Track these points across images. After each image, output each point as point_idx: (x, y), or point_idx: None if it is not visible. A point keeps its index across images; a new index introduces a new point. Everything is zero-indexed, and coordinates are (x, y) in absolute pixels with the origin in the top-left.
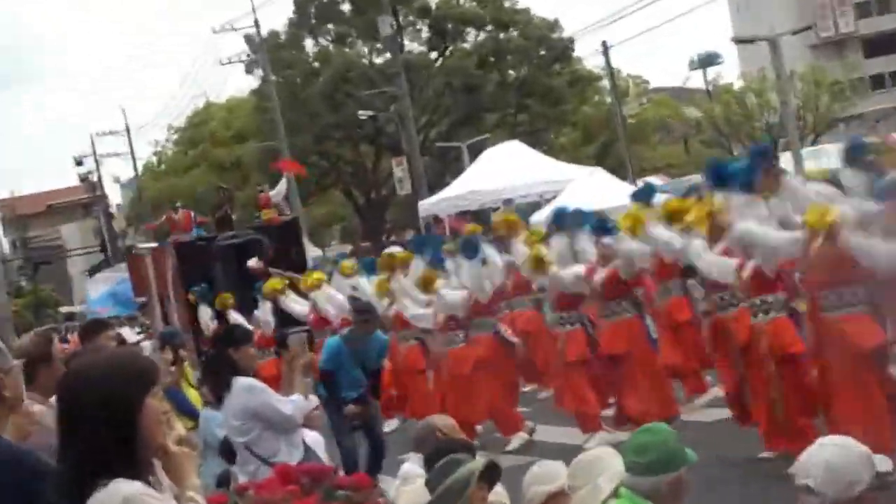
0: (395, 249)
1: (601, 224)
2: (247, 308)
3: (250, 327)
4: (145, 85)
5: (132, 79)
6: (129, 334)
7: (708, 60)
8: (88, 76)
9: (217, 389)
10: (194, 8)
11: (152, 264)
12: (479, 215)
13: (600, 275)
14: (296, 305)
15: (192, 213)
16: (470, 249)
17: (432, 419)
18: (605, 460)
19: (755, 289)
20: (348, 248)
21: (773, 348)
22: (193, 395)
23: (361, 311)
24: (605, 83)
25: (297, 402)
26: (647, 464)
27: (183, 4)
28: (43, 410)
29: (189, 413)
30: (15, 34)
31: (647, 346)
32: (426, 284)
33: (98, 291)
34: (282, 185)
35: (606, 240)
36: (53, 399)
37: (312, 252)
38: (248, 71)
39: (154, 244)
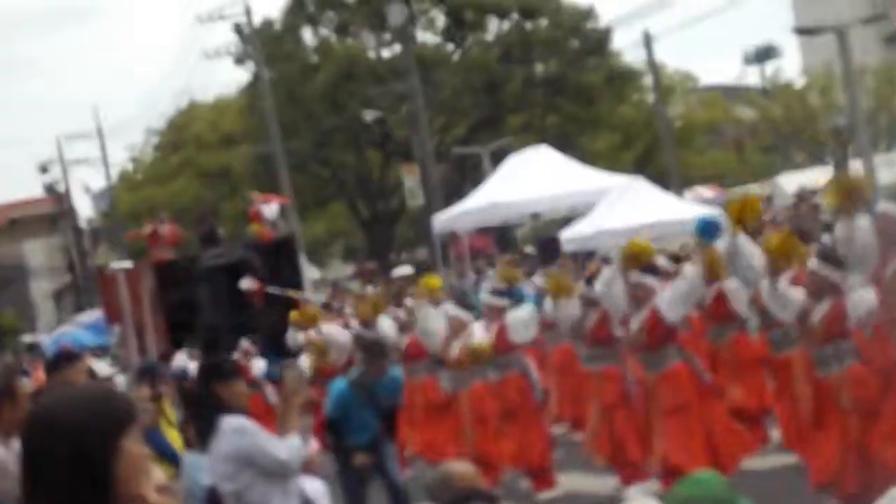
0: (405, 271)
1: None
2: (236, 336)
3: None
4: (120, 81)
5: (105, 73)
6: (101, 367)
7: (765, 54)
8: (55, 70)
9: (202, 430)
10: None
11: (127, 286)
12: (502, 231)
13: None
14: (385, 327)
15: (177, 228)
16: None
17: (449, 466)
18: None
19: (826, 334)
20: (351, 267)
21: (858, 400)
22: (174, 437)
23: (371, 347)
24: (648, 80)
25: (294, 446)
26: None
27: None
28: (2, 455)
29: (170, 457)
30: None
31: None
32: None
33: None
34: (276, 207)
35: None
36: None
37: (311, 273)
38: (239, 63)
39: (128, 264)
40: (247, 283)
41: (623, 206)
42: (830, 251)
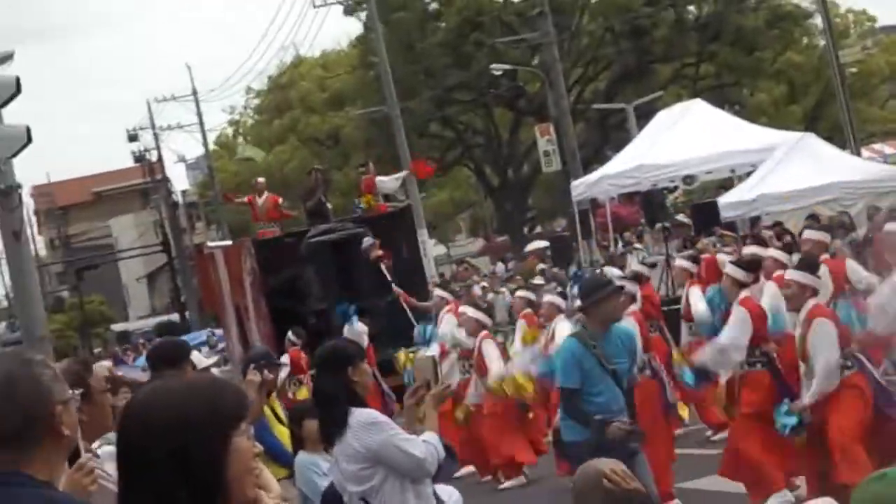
0: (540, 244)
1: None
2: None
3: None
4: (215, 36)
5: (199, 28)
6: (198, 357)
7: None
8: (142, 24)
9: (329, 426)
10: None
11: (225, 267)
12: (651, 198)
13: None
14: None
15: (280, 199)
16: None
17: (597, 465)
18: None
19: None
20: (479, 242)
21: None
22: (283, 434)
23: (600, 285)
24: (817, 21)
25: (431, 443)
26: None
27: None
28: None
29: (281, 458)
30: None
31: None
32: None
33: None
34: (397, 179)
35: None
36: (96, 444)
37: (434, 250)
38: (349, 14)
39: (227, 242)
40: (368, 244)
41: (790, 166)
42: None
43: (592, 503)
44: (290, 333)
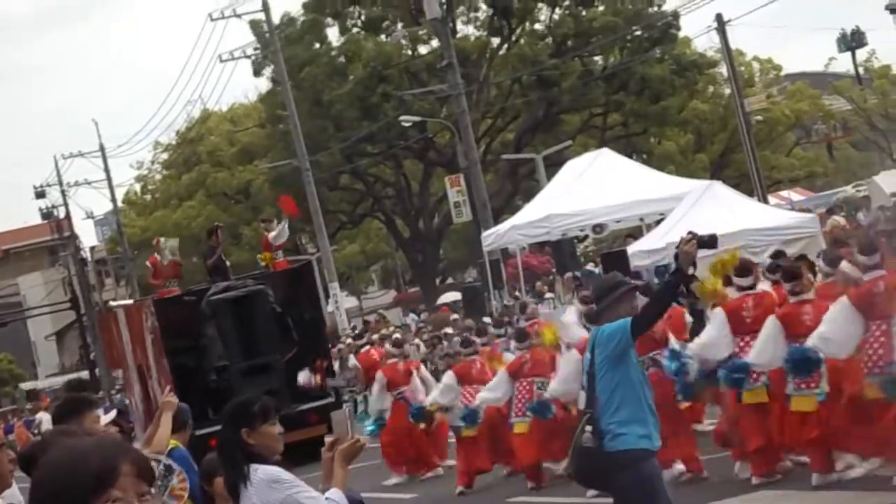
0: (452, 297)
1: None
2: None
3: None
4: (124, 91)
5: (107, 83)
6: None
7: (859, 39)
8: (50, 79)
9: (231, 482)
10: None
11: (127, 325)
12: (561, 247)
13: None
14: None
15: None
16: None
17: None
18: None
19: None
20: (391, 293)
21: None
22: None
23: (615, 286)
24: (723, 70)
25: (335, 501)
26: None
27: None
28: None
29: None
30: None
31: None
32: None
33: None
34: (282, 228)
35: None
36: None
37: (346, 301)
38: (257, 71)
39: (129, 301)
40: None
41: (699, 214)
42: None
43: None
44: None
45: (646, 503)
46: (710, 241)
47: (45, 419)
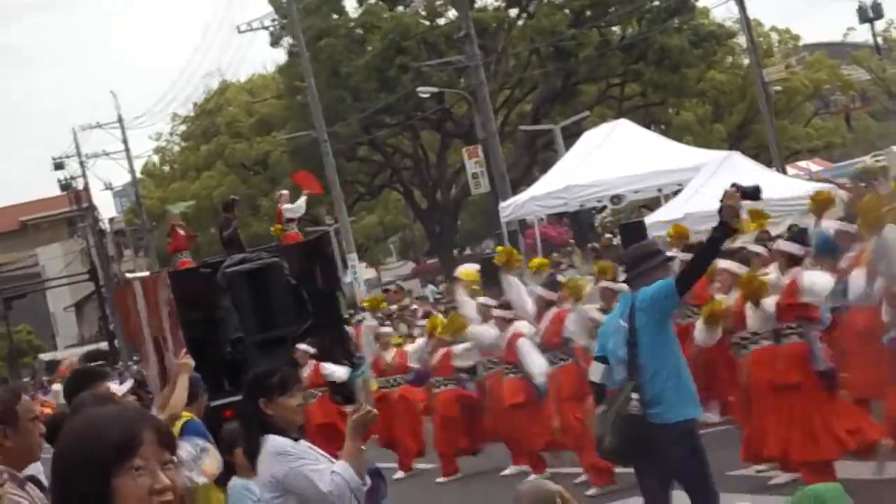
0: (470, 267)
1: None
2: (268, 351)
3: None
4: (142, 63)
5: (125, 55)
6: (114, 386)
7: (877, 9)
8: (69, 52)
9: (249, 452)
10: None
11: (143, 298)
12: (579, 218)
13: None
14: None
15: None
16: None
17: (549, 485)
18: None
19: None
20: (409, 265)
21: None
22: None
23: (648, 255)
24: (741, 40)
25: (342, 476)
26: None
27: None
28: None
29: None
30: None
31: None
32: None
33: None
34: (299, 203)
35: None
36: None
37: (364, 273)
38: (275, 42)
39: (145, 273)
40: (302, 349)
41: (716, 185)
42: None
43: None
44: (303, 345)
45: (701, 474)
46: (753, 192)
47: (59, 390)
